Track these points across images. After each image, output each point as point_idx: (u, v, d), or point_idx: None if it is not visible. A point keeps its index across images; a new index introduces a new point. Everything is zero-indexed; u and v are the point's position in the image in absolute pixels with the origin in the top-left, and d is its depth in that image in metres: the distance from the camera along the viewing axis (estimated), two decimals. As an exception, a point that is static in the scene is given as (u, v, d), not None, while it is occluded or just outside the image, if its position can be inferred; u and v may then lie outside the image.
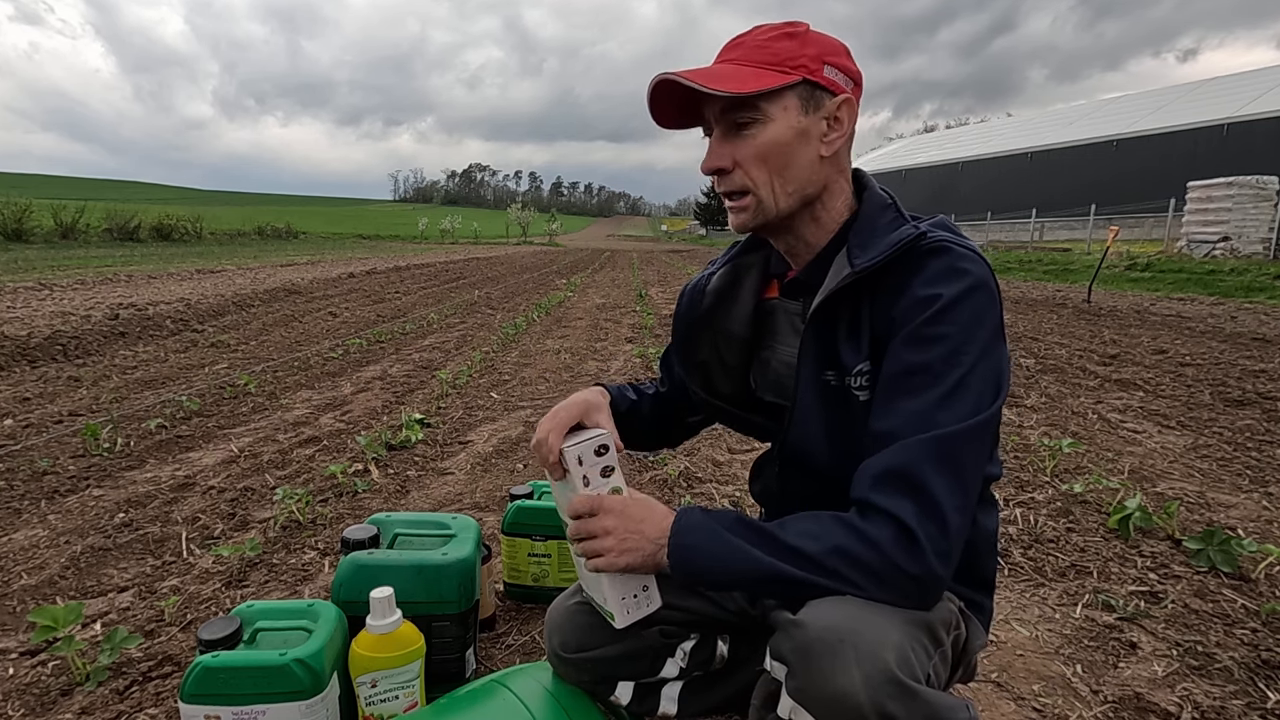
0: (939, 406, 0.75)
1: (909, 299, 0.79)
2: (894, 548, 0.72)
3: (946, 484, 0.73)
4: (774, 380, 1.00)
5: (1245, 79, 30.36)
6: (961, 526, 0.74)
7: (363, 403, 3.70)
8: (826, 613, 0.71)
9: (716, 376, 1.04)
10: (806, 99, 0.84)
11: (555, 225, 65.07)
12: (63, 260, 14.59)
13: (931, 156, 42.97)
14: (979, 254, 0.82)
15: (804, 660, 0.70)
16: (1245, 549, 1.81)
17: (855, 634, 0.68)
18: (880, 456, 0.76)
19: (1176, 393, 3.80)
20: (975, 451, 0.76)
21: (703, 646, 1.09)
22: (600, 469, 0.91)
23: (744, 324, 1.01)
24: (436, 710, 1.04)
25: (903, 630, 0.70)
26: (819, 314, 0.87)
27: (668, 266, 18.52)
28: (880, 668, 0.66)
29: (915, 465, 0.73)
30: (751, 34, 0.86)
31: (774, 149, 0.84)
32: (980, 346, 0.77)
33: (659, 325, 6.49)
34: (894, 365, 0.80)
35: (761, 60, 0.83)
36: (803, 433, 0.92)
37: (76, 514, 2.22)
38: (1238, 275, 10.54)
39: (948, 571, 0.73)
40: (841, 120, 0.86)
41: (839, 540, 0.74)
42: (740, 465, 2.67)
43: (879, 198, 0.91)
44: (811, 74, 0.83)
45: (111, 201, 34.02)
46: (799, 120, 0.84)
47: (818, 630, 0.69)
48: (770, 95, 0.82)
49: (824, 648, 0.68)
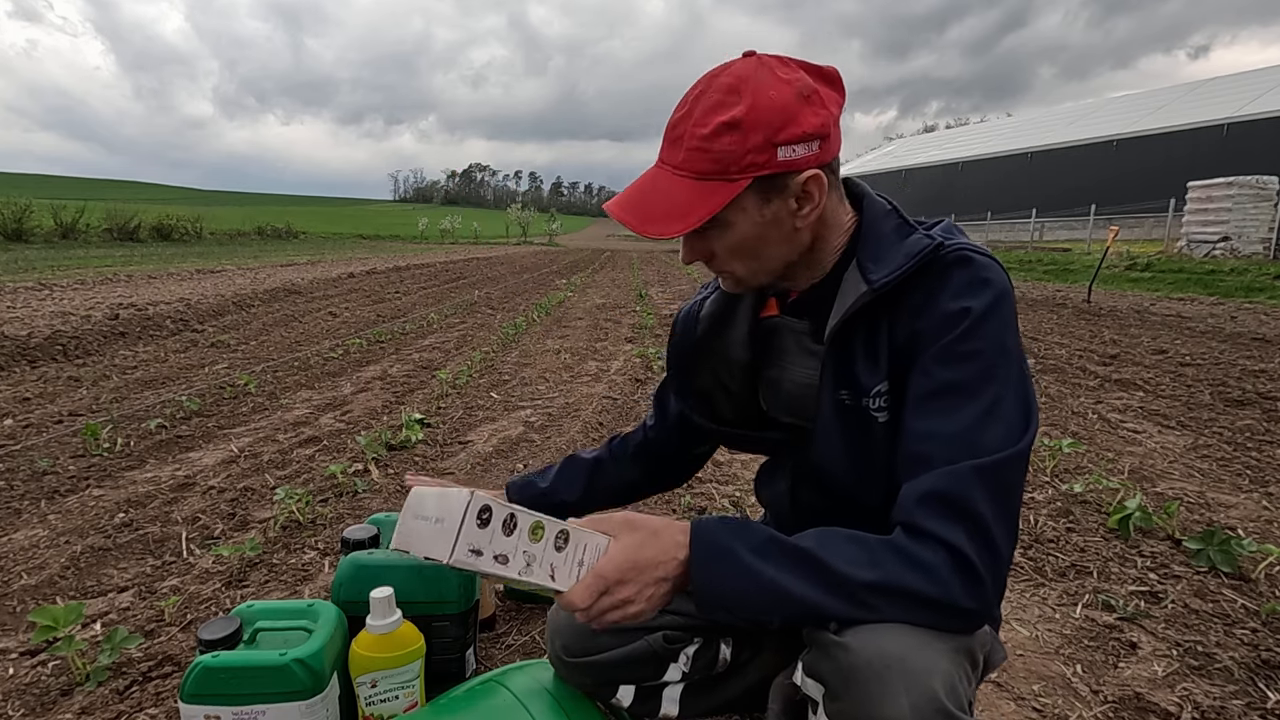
0: (979, 427, 0.73)
1: (938, 313, 0.77)
2: (950, 575, 0.69)
3: (995, 510, 0.70)
4: (787, 401, 0.96)
5: (1246, 79, 30.36)
6: (1011, 553, 0.73)
7: (363, 403, 3.70)
8: (874, 638, 0.68)
9: (720, 403, 1.01)
10: (764, 192, 0.78)
11: (555, 225, 65.10)
12: (63, 260, 14.59)
13: (931, 156, 42.96)
14: (997, 261, 0.80)
15: (848, 684, 0.68)
16: (1245, 549, 1.81)
17: (903, 661, 0.66)
18: (925, 479, 0.73)
19: (1176, 393, 3.80)
20: (1019, 476, 0.74)
21: (705, 650, 1.09)
22: (500, 531, 0.69)
23: (743, 347, 0.98)
24: (436, 710, 1.04)
25: (950, 658, 0.68)
26: (837, 335, 0.83)
27: (668, 266, 18.52)
28: (929, 697, 0.64)
29: (965, 491, 0.70)
30: (688, 119, 0.78)
31: (742, 246, 0.82)
32: (1012, 360, 0.76)
33: (659, 325, 6.49)
34: (926, 383, 0.77)
35: (701, 169, 0.76)
36: (823, 454, 0.89)
37: (76, 514, 2.22)
38: (1238, 275, 10.54)
39: (1000, 598, 0.72)
40: (811, 193, 0.79)
41: (891, 568, 0.70)
42: (740, 465, 2.67)
43: (879, 206, 0.88)
44: (762, 168, 0.76)
45: (111, 201, 33.98)
46: (762, 214, 0.79)
47: (866, 655, 0.67)
48: (727, 205, 0.77)
49: (871, 674, 0.66)
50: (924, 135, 63.15)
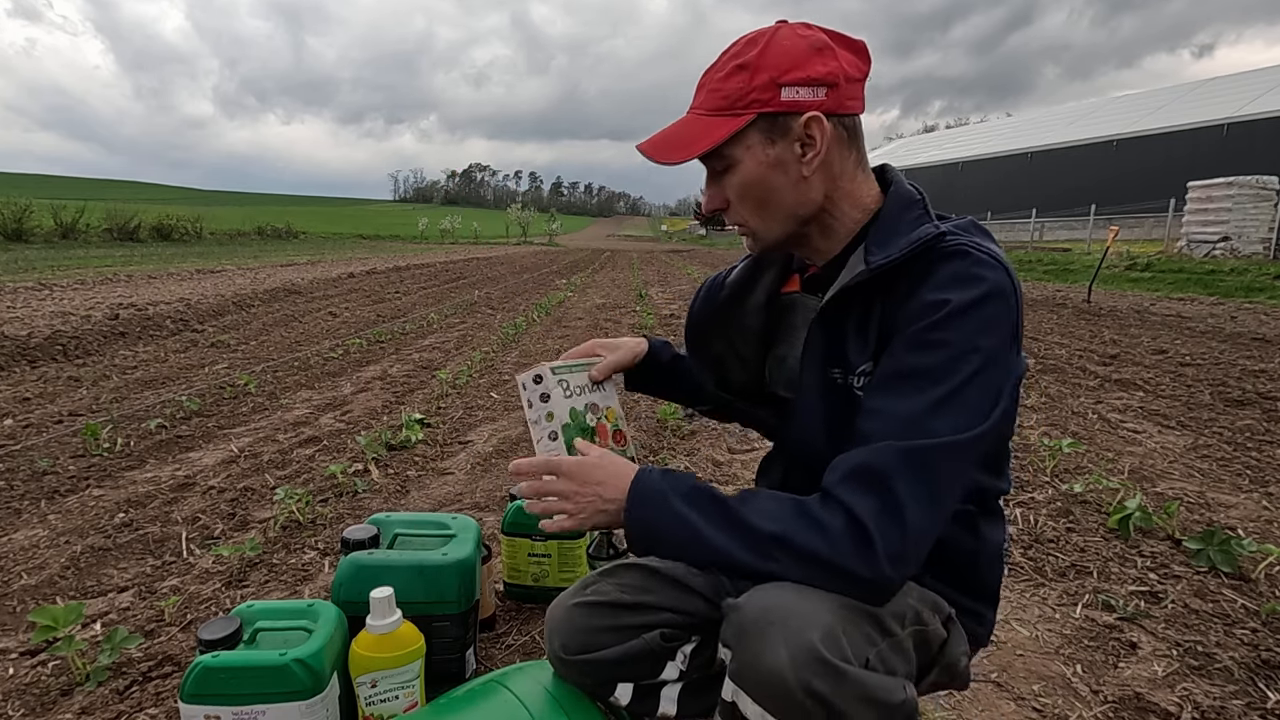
0: (929, 413, 0.73)
1: (917, 302, 0.78)
2: (842, 539, 0.71)
3: (914, 490, 0.71)
4: (788, 375, 0.99)
5: (1245, 79, 30.36)
6: (924, 533, 0.73)
7: (363, 403, 3.70)
8: (762, 596, 0.72)
9: (732, 369, 1.03)
10: (768, 131, 0.82)
11: (555, 225, 65.11)
12: (63, 260, 14.59)
13: (931, 156, 42.98)
14: (1001, 260, 0.79)
15: (739, 642, 0.71)
16: (1245, 549, 1.81)
17: (785, 615, 0.69)
18: (856, 452, 0.75)
19: (1176, 393, 3.80)
20: (956, 467, 0.74)
21: (703, 649, 1.09)
22: (539, 395, 0.95)
23: (758, 316, 1.00)
24: (436, 710, 1.04)
25: (836, 614, 0.70)
26: (828, 309, 0.86)
27: (668, 266, 18.52)
28: (805, 646, 0.66)
29: (885, 467, 0.72)
30: (713, 69, 0.85)
31: (749, 188, 0.85)
32: (983, 358, 0.75)
33: (659, 325, 6.49)
34: (890, 366, 0.79)
35: (715, 106, 0.82)
36: (803, 427, 0.92)
37: (76, 514, 2.22)
38: (1238, 275, 10.54)
39: (899, 574, 0.72)
40: (814, 137, 0.81)
41: (793, 523, 0.74)
42: (740, 465, 2.67)
43: (905, 194, 0.89)
44: (766, 105, 0.80)
45: (111, 201, 34.00)
46: (766, 154, 0.83)
47: (752, 613, 0.71)
48: (730, 140, 0.81)
49: (756, 629, 0.70)
50: (924, 135, 63.17)
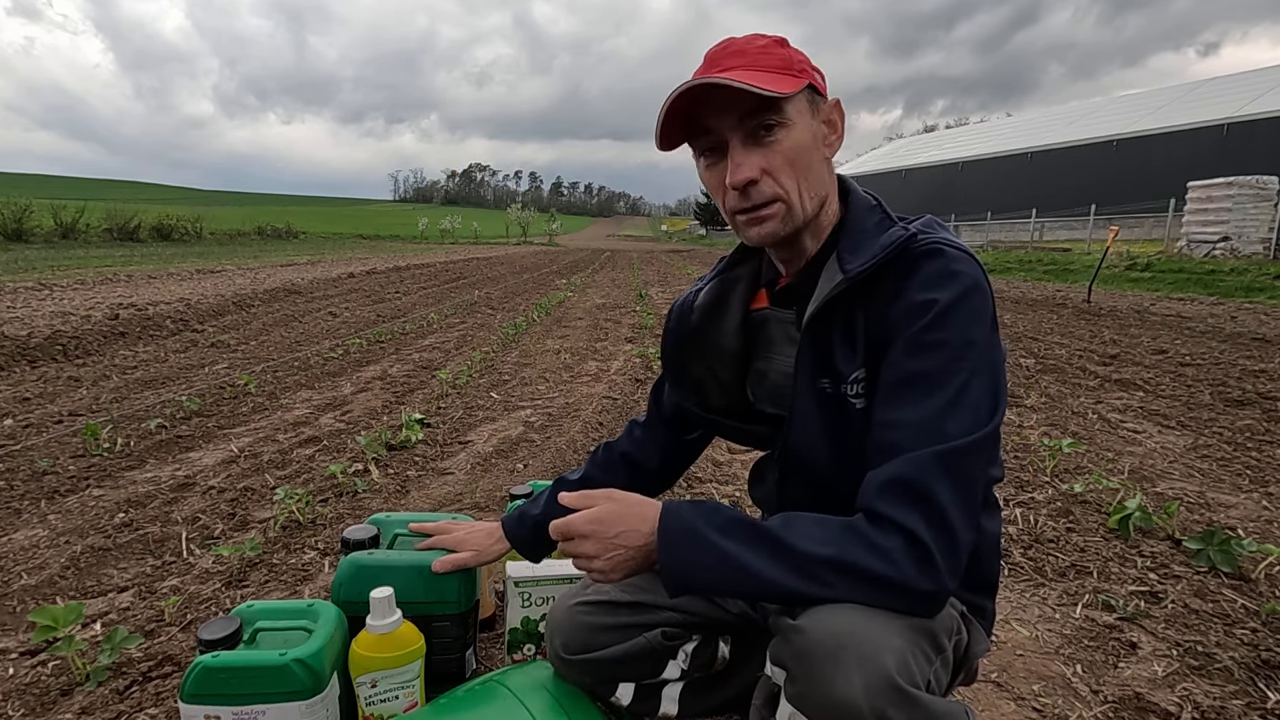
0: (944, 416, 0.75)
1: (905, 304, 0.79)
2: (904, 559, 0.71)
3: (954, 496, 0.73)
4: (772, 390, 0.99)
5: (1245, 79, 30.36)
6: (969, 539, 0.74)
7: (363, 403, 3.70)
8: (827, 619, 0.70)
9: (711, 392, 1.03)
10: (811, 102, 0.85)
11: (555, 225, 65.09)
12: (63, 260, 14.59)
13: (931, 156, 42.95)
14: (971, 254, 0.82)
15: (804, 666, 0.69)
16: (1245, 549, 1.81)
17: (856, 640, 0.67)
18: (889, 466, 0.75)
19: (1176, 393, 3.80)
20: (981, 463, 0.77)
21: (704, 648, 1.09)
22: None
23: (733, 337, 1.00)
24: (436, 710, 1.04)
25: (904, 636, 0.70)
26: (814, 322, 0.86)
27: (668, 266, 18.52)
28: (881, 674, 0.65)
29: (925, 478, 0.73)
30: (748, 41, 0.86)
31: (800, 153, 0.84)
32: (979, 351, 0.78)
33: (659, 325, 6.49)
34: (894, 373, 0.79)
35: (771, 66, 0.83)
36: (801, 441, 0.91)
37: (76, 514, 2.22)
38: (1238, 275, 10.54)
39: (956, 584, 0.73)
40: (835, 123, 0.89)
41: (847, 547, 0.72)
42: (740, 465, 2.67)
43: (864, 201, 0.92)
44: (811, 79, 0.84)
45: (111, 201, 33.99)
46: (811, 123, 0.85)
47: (819, 636, 0.69)
48: (792, 98, 0.83)
49: (824, 653, 0.67)
50: (924, 135, 63.13)
